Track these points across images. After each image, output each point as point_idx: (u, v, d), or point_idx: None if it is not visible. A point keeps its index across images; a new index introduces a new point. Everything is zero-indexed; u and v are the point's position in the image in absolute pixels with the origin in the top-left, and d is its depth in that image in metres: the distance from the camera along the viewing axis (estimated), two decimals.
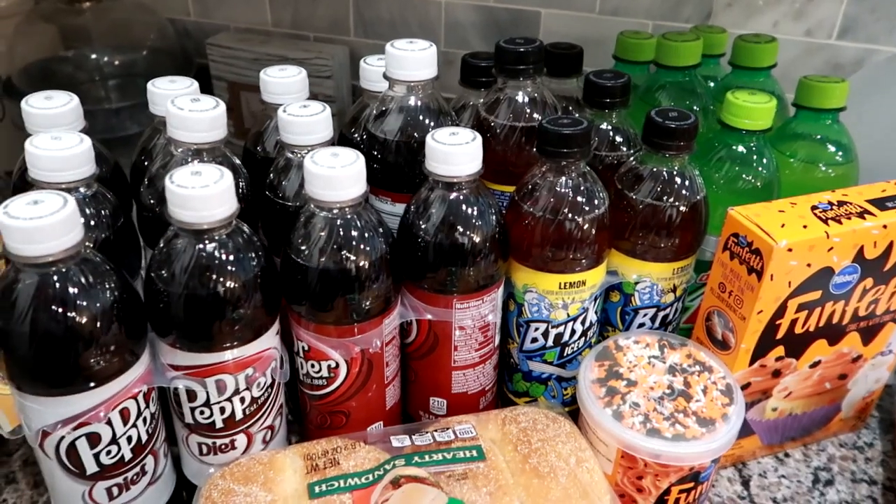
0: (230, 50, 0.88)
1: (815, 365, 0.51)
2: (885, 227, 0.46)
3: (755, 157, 0.53)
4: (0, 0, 0.88)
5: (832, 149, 0.56)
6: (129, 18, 0.90)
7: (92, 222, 0.44)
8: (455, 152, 0.43)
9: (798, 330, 0.48)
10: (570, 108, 0.58)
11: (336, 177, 0.40)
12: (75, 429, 0.39)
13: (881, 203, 0.47)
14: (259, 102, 0.54)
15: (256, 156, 0.55)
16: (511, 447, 0.44)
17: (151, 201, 0.46)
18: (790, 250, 0.44)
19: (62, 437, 0.39)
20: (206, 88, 0.89)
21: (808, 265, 0.45)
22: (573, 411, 0.49)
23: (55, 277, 0.36)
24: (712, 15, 0.75)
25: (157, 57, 0.90)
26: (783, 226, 0.44)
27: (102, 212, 0.45)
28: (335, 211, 0.42)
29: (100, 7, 0.85)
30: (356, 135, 0.55)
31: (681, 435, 0.44)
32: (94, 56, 0.87)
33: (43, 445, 0.39)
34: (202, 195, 0.37)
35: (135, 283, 0.48)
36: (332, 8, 0.88)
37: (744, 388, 0.49)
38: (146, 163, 0.52)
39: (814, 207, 0.46)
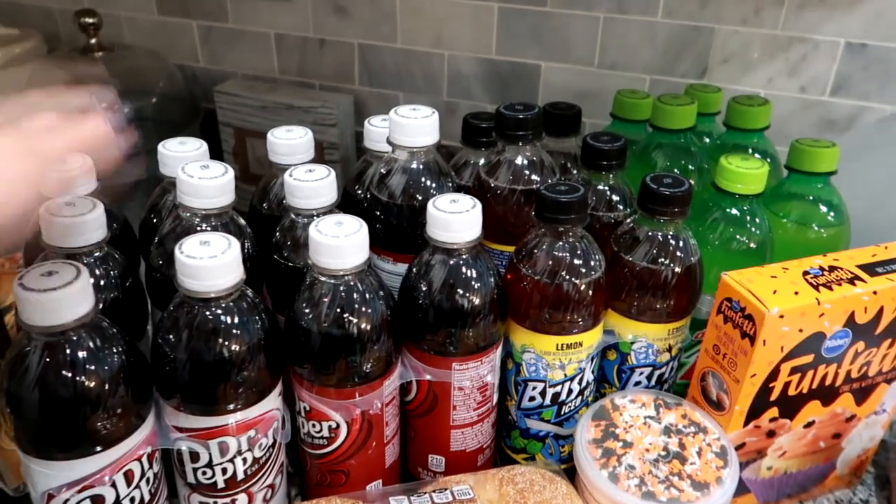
0: (237, 97, 0.90)
1: (809, 425, 0.51)
2: (875, 293, 0.47)
3: (748, 218, 0.54)
4: (15, 47, 0.90)
5: (824, 210, 0.57)
6: (139, 66, 0.92)
7: (101, 282, 0.46)
8: (455, 220, 0.44)
9: (791, 392, 0.49)
10: (569, 164, 0.60)
11: (340, 246, 0.41)
12: (80, 491, 0.39)
13: (871, 268, 0.48)
14: (264, 148, 0.55)
15: (262, 212, 0.56)
16: None
17: (160, 262, 0.48)
18: (782, 317, 0.45)
19: (67, 500, 0.40)
20: (213, 134, 0.91)
21: (800, 330, 0.46)
22: (570, 469, 0.50)
23: (65, 344, 0.37)
24: (708, 70, 0.77)
25: (165, 103, 0.92)
26: (775, 292, 0.46)
27: (111, 273, 0.46)
28: (338, 277, 0.43)
29: (112, 56, 0.87)
30: (360, 192, 0.57)
31: (675, 499, 0.44)
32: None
33: None
34: (210, 266, 0.38)
35: (141, 342, 0.49)
36: (337, 57, 0.90)
37: (738, 448, 0.50)
38: (155, 220, 0.53)
39: (805, 273, 0.48)
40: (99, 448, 0.39)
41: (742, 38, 0.74)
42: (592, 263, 0.48)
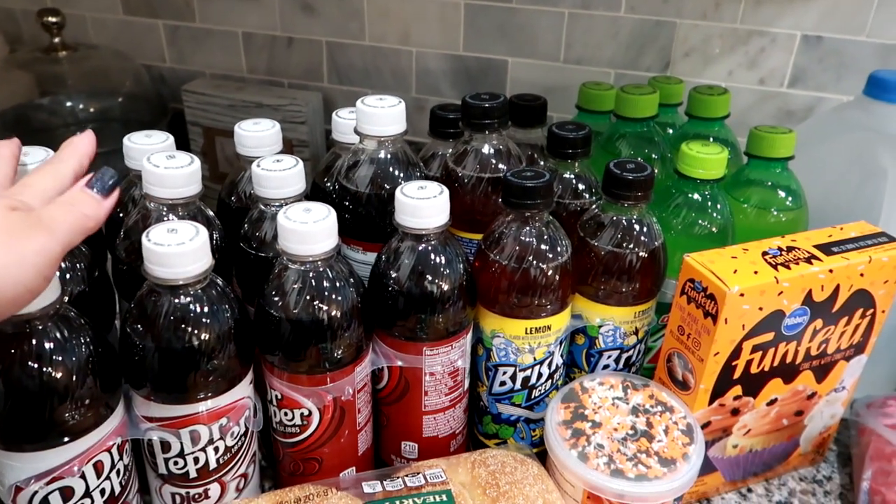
0: (205, 96, 0.89)
1: (771, 403, 0.53)
2: (830, 271, 0.48)
3: (710, 203, 0.55)
4: None
5: (783, 195, 0.59)
6: (105, 65, 0.91)
7: (68, 276, 0.45)
8: (423, 206, 0.45)
9: (754, 370, 0.50)
10: (536, 155, 0.61)
11: (309, 232, 0.42)
12: (49, 483, 0.39)
13: (827, 248, 0.50)
14: (234, 147, 0.55)
15: (231, 206, 0.56)
16: (480, 491, 0.45)
17: (126, 254, 0.47)
18: (742, 295, 0.46)
19: (35, 492, 0.39)
20: (181, 134, 0.91)
21: (760, 308, 0.47)
22: (542, 452, 0.50)
23: (31, 334, 0.37)
24: (671, 64, 0.79)
25: (132, 103, 0.91)
26: (735, 272, 0.47)
27: (78, 265, 0.46)
28: (308, 264, 0.43)
29: (76, 55, 0.86)
30: (328, 184, 0.57)
31: (644, 475, 0.45)
32: (69, 103, 0.88)
33: (16, 501, 0.40)
34: (177, 252, 0.39)
35: (109, 334, 0.49)
36: (306, 55, 0.90)
37: (704, 426, 0.51)
38: (121, 214, 0.53)
39: (764, 253, 0.49)
40: (67, 439, 0.39)
41: (703, 32, 0.76)
42: (559, 248, 0.49)
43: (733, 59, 0.77)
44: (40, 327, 0.37)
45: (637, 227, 0.51)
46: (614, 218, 0.51)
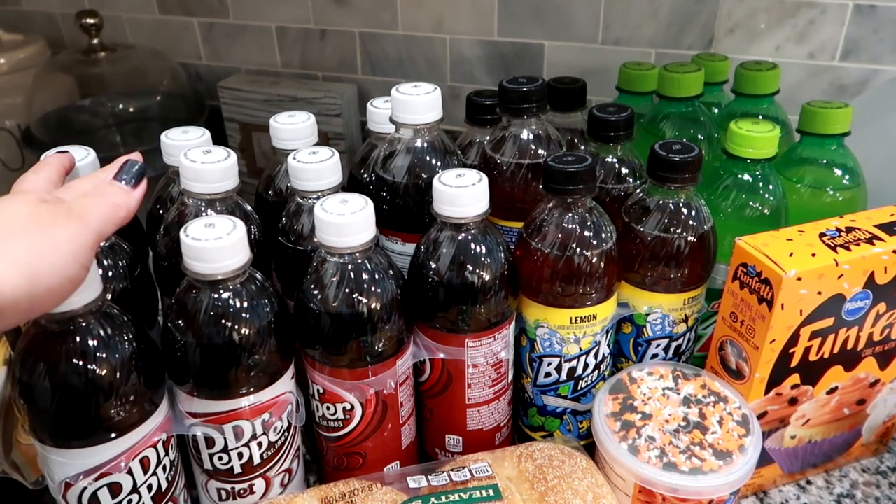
0: (241, 92, 0.90)
1: (832, 391, 0.50)
2: (894, 251, 0.45)
3: (761, 184, 0.53)
4: (19, 53, 0.91)
5: (839, 173, 0.56)
6: (143, 65, 0.92)
7: (110, 273, 0.46)
8: (461, 194, 0.43)
9: (812, 357, 0.48)
10: (576, 140, 0.59)
11: (346, 223, 0.41)
12: (97, 479, 0.39)
13: (889, 228, 0.47)
14: (270, 142, 0.55)
15: (269, 200, 0.56)
16: (528, 485, 0.44)
17: (167, 251, 0.48)
18: (799, 279, 0.44)
19: (84, 488, 0.39)
20: (218, 130, 0.92)
21: (819, 293, 0.45)
22: (589, 444, 0.49)
23: (75, 331, 0.37)
24: (714, 41, 0.76)
25: (170, 101, 0.92)
26: (791, 255, 0.45)
27: (120, 262, 0.46)
28: (346, 256, 0.42)
29: (115, 56, 0.88)
30: (365, 175, 0.56)
31: (698, 468, 0.43)
32: (109, 103, 0.89)
33: (66, 496, 0.40)
34: (216, 247, 0.38)
35: (151, 330, 0.49)
36: (339, 48, 0.90)
37: (761, 416, 0.49)
38: (161, 211, 0.53)
39: (822, 235, 0.47)
40: (113, 435, 0.39)
41: (748, 6, 0.73)
42: (603, 234, 0.48)
43: (781, 33, 0.74)
44: (84, 324, 0.37)
45: (685, 210, 0.49)
46: (661, 202, 0.49)
